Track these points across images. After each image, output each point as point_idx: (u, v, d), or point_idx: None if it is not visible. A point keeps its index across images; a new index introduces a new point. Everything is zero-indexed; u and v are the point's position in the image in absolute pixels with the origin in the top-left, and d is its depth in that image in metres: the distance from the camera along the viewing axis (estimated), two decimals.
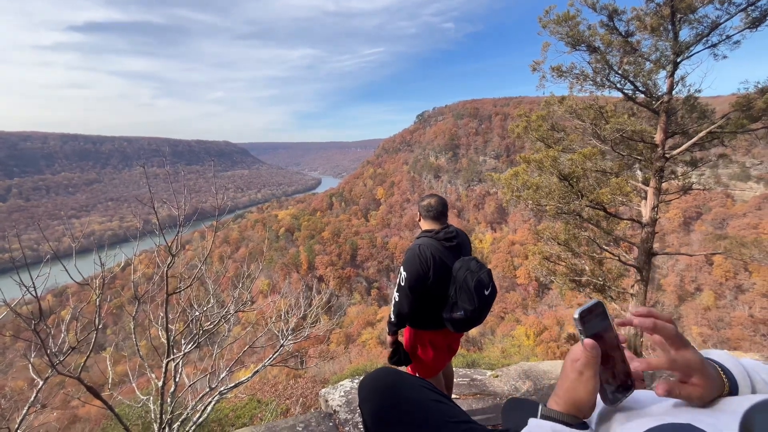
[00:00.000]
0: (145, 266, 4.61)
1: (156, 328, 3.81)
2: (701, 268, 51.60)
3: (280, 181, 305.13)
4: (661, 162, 5.88)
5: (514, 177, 6.08)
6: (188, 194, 4.03)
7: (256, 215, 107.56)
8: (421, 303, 2.18)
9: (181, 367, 3.87)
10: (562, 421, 0.63)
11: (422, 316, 2.25)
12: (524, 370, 4.05)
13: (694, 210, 63.79)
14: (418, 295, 2.13)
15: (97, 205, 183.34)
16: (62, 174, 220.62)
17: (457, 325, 2.13)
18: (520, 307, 51.76)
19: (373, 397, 0.94)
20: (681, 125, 6.02)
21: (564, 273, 6.62)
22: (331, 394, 3.10)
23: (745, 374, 0.64)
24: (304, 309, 5.07)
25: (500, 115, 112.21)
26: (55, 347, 2.54)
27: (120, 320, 42.00)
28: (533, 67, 6.32)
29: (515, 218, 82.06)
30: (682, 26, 5.58)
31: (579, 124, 6.23)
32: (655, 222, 5.89)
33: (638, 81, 5.93)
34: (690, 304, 48.66)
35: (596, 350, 0.62)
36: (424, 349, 2.36)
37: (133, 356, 4.71)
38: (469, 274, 2.07)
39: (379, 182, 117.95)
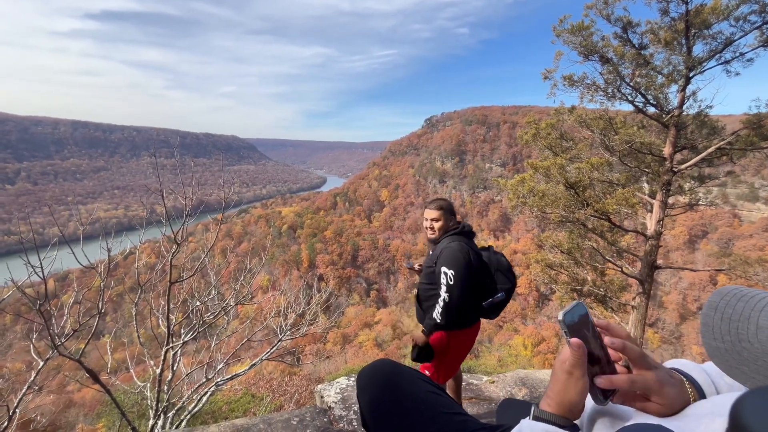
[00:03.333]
0: (147, 255, 4.67)
1: (156, 316, 3.84)
2: (705, 287, 51.09)
3: (285, 178, 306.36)
4: (669, 176, 5.85)
5: (521, 183, 6.07)
6: (195, 186, 4.07)
7: (260, 211, 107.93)
8: (468, 297, 2.23)
9: (179, 357, 3.90)
10: (554, 423, 0.64)
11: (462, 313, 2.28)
12: (520, 377, 4.04)
13: (700, 228, 63.26)
14: (468, 289, 2.18)
15: (104, 192, 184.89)
16: (71, 160, 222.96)
17: (497, 309, 2.31)
18: (519, 316, 51.46)
19: (370, 388, 0.95)
20: (690, 140, 6.00)
21: (565, 282, 6.60)
22: (326, 390, 3.10)
23: (709, 381, 0.66)
24: (303, 306, 5.09)
25: (508, 123, 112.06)
26: (57, 330, 2.57)
27: (120, 308, 42.26)
28: (545, 76, 6.32)
29: (519, 227, 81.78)
30: (695, 41, 5.57)
31: (588, 134, 6.22)
32: (660, 235, 5.86)
33: (649, 94, 5.91)
34: (692, 323, 48.17)
35: (583, 350, 0.63)
36: (457, 349, 2.40)
37: (132, 344, 4.75)
38: (498, 256, 2.37)
39: (384, 184, 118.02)
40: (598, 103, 6.20)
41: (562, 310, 0.66)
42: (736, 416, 0.35)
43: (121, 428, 4.96)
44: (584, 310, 0.67)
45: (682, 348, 42.12)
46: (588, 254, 6.55)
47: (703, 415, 0.56)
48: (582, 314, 0.67)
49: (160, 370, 3.28)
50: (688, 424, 0.56)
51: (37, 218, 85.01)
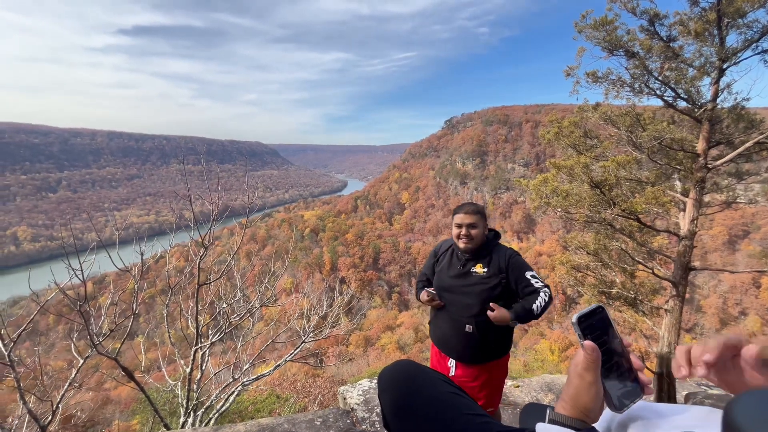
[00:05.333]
0: (177, 259, 4.86)
1: (185, 318, 4.00)
2: (747, 291, 48.08)
3: (307, 182, 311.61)
4: (703, 172, 5.57)
5: (543, 183, 5.93)
6: (221, 191, 4.23)
7: (283, 215, 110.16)
8: None
9: (208, 357, 4.04)
10: (570, 426, 0.63)
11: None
12: (546, 383, 3.94)
13: (740, 227, 59.64)
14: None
15: (137, 199, 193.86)
16: (107, 169, 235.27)
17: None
18: (545, 320, 50.06)
19: (391, 389, 0.96)
20: (726, 135, 5.69)
21: (592, 284, 6.38)
22: (349, 392, 3.13)
23: None
24: (326, 309, 5.17)
25: (531, 122, 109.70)
26: (95, 330, 2.73)
27: (152, 309, 44.07)
28: (567, 73, 6.16)
29: (543, 228, 79.74)
30: (729, 31, 5.28)
31: (614, 131, 6.01)
32: (694, 235, 5.58)
33: (680, 88, 5.65)
34: (733, 329, 45.36)
35: (596, 353, 0.62)
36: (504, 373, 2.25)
37: (163, 344, 4.96)
38: None
39: (404, 187, 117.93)
40: (624, 99, 5.98)
41: (577, 312, 0.66)
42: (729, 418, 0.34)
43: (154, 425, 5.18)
44: (604, 313, 0.66)
45: None
46: (616, 255, 6.31)
47: None
48: (601, 317, 0.66)
49: (189, 369, 3.42)
50: None
51: (76, 224, 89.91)
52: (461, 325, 2.06)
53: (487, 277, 2.03)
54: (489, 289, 2.02)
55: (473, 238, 2.06)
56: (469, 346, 2.06)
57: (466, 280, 2.09)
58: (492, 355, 2.09)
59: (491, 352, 2.09)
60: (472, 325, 2.03)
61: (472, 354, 2.08)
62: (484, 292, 2.02)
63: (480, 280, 2.05)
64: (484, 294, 2.02)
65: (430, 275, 2.36)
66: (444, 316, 2.18)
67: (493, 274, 2.03)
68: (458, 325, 2.08)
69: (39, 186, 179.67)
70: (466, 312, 2.06)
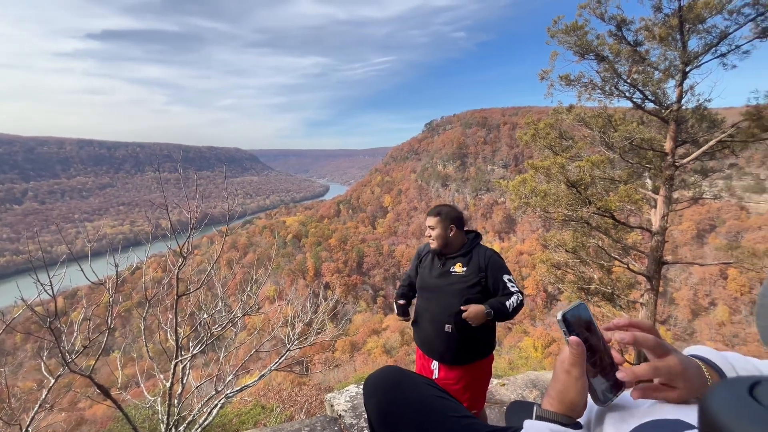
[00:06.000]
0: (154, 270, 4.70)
1: (164, 330, 3.86)
2: (715, 282, 50.40)
3: (288, 187, 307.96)
4: (671, 170, 5.84)
5: (522, 184, 6.08)
6: (199, 199, 4.12)
7: (264, 221, 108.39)
8: None
9: (189, 370, 3.91)
10: (557, 421, 0.64)
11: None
12: (531, 379, 4.01)
13: (707, 222, 62.60)
14: None
15: (110, 209, 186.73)
16: (77, 178, 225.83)
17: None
18: (528, 318, 51.01)
19: (376, 395, 0.96)
20: (691, 134, 6.00)
21: (572, 281, 6.57)
22: (336, 398, 3.10)
23: (730, 366, 0.66)
24: (310, 315, 5.09)
25: (508, 124, 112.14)
26: (67, 347, 2.60)
27: (128, 323, 42.42)
28: (541, 76, 6.36)
29: (523, 228, 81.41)
30: (690, 36, 5.59)
31: (587, 132, 6.24)
32: (665, 230, 5.83)
33: (647, 90, 5.93)
34: (704, 319, 47.47)
35: (581, 347, 0.63)
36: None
37: (141, 359, 4.77)
38: None
39: (386, 190, 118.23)
40: (596, 101, 6.23)
41: (561, 310, 0.67)
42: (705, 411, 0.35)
43: None
44: (586, 310, 0.68)
45: (696, 344, 41.46)
46: (593, 252, 6.53)
47: None
48: (583, 314, 0.67)
49: (169, 384, 3.30)
50: None
51: (45, 237, 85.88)
52: (442, 326, 2.08)
53: (466, 276, 2.06)
54: (468, 288, 2.05)
55: (434, 239, 2.14)
56: (450, 346, 2.08)
57: (447, 279, 2.11)
58: (474, 356, 2.10)
59: (473, 353, 2.09)
60: (452, 324, 2.05)
61: (453, 355, 2.09)
62: (464, 291, 2.05)
63: (459, 279, 2.08)
64: (463, 293, 2.05)
65: (413, 277, 2.38)
66: (426, 317, 2.19)
67: (471, 272, 2.06)
68: (439, 326, 2.09)
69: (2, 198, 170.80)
70: (446, 311, 2.08)
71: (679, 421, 0.56)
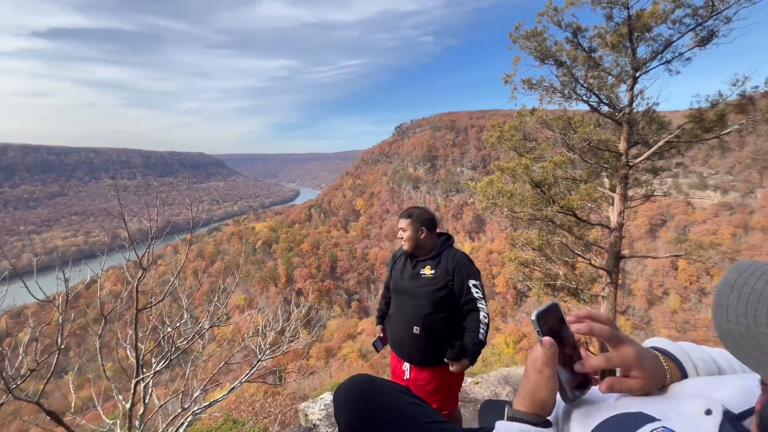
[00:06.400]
0: (112, 283, 4.40)
1: (124, 347, 3.62)
2: (667, 273, 54.15)
3: (257, 193, 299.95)
4: (626, 170, 6.22)
5: (490, 185, 6.27)
6: (161, 206, 3.90)
7: (232, 228, 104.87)
8: None
9: (151, 388, 3.69)
10: (527, 421, 0.65)
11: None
12: (503, 376, 4.10)
13: (659, 218, 67.22)
14: None
15: (61, 219, 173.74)
16: (22, 187, 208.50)
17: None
18: (500, 315, 52.43)
19: (346, 406, 0.93)
20: (642, 135, 6.43)
21: (539, 278, 6.83)
22: (311, 407, 3.03)
23: (686, 356, 0.69)
24: (282, 323, 4.96)
25: (476, 127, 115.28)
26: (11, 371, 2.38)
27: (84, 342, 39.60)
28: (505, 80, 6.60)
29: (492, 227, 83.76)
30: (639, 44, 6.01)
31: (549, 134, 6.54)
32: (622, 226, 6.19)
33: (602, 94, 6.30)
34: (659, 308, 50.81)
35: (554, 348, 0.64)
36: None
37: (98, 379, 4.45)
38: None
39: (358, 193, 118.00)
40: (557, 104, 6.55)
41: (535, 310, 0.68)
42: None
43: None
44: (558, 310, 0.69)
45: (652, 332, 44.27)
46: (558, 249, 6.82)
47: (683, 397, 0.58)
48: (556, 314, 0.68)
49: (130, 404, 3.09)
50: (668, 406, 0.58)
51: None
52: (411, 328, 2.09)
53: (434, 279, 2.07)
54: (435, 291, 2.05)
55: (405, 241, 2.15)
56: (420, 348, 2.09)
57: (416, 282, 2.12)
58: (443, 358, 2.10)
59: (442, 355, 2.09)
60: (420, 326, 2.06)
61: (422, 357, 2.10)
62: (431, 293, 2.05)
63: (428, 281, 2.08)
64: (431, 296, 2.05)
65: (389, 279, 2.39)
66: (397, 319, 2.20)
67: (439, 275, 2.06)
68: (409, 328, 2.10)
69: None
70: (415, 314, 2.09)
71: (641, 414, 0.57)
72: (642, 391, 0.63)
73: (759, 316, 0.40)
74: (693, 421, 0.52)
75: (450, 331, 2.08)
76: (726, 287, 0.44)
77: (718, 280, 0.46)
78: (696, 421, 0.51)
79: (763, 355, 0.40)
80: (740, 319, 0.42)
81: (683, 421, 0.52)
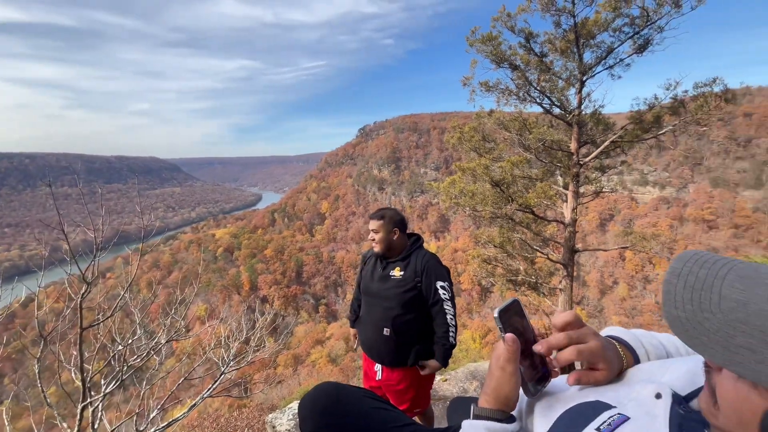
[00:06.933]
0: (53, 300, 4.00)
1: (69, 370, 3.31)
2: (616, 264, 58.33)
3: (216, 198, 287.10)
4: (577, 168, 6.63)
5: (452, 185, 6.42)
6: (107, 214, 3.61)
7: (190, 236, 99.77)
8: None
9: (101, 412, 3.40)
10: (493, 418, 0.66)
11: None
12: (470, 371, 4.20)
13: (607, 213, 72.31)
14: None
15: None
16: None
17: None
18: (466, 311, 53.80)
19: (311, 417, 0.90)
20: (590, 136, 6.89)
21: (502, 274, 7.09)
22: (278, 419, 2.92)
23: (639, 343, 0.73)
24: (247, 332, 4.76)
25: (438, 129, 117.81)
26: None
27: (22, 366, 35.96)
28: (464, 82, 6.81)
29: (456, 227, 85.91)
30: (585, 50, 6.44)
31: (507, 135, 6.82)
32: (575, 222, 6.58)
33: (554, 96, 6.68)
34: (610, 297, 54.57)
35: (516, 344, 0.66)
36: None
37: (39, 407, 4.04)
38: None
39: (323, 196, 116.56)
40: (513, 107, 6.85)
41: (498, 307, 0.68)
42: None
43: None
44: (519, 306, 0.70)
45: (605, 320, 47.45)
46: (518, 246, 7.13)
47: (636, 382, 0.61)
48: (517, 310, 0.70)
49: (76, 431, 2.83)
50: (622, 392, 0.61)
51: None
52: (381, 329, 2.09)
53: (403, 280, 2.07)
54: (404, 292, 2.06)
55: (377, 243, 2.13)
56: (390, 349, 2.09)
57: (386, 283, 2.12)
58: (415, 358, 2.12)
59: (414, 356, 2.11)
60: (389, 328, 2.06)
61: (393, 358, 2.11)
62: (400, 295, 2.06)
63: (397, 283, 2.08)
64: (399, 297, 2.06)
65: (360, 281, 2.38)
66: (367, 321, 2.20)
67: (408, 276, 2.07)
68: (379, 330, 2.10)
69: None
70: (385, 316, 2.08)
71: (599, 402, 0.60)
72: (606, 382, 0.66)
73: (703, 302, 0.43)
74: (645, 406, 0.55)
75: (420, 331, 2.09)
76: (673, 276, 0.47)
77: (665, 269, 0.49)
78: (648, 405, 0.54)
79: (708, 339, 0.42)
80: (686, 306, 0.45)
81: (636, 406, 0.56)
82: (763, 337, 0.39)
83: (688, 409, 0.53)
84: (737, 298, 0.41)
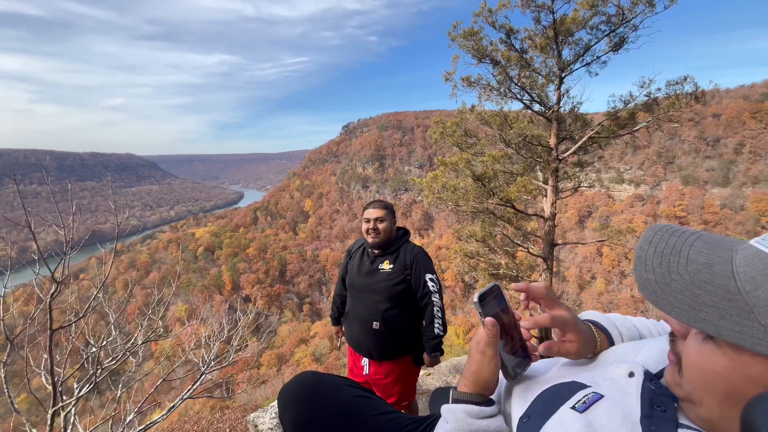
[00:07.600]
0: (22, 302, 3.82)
1: (39, 374, 3.17)
2: (594, 259, 60.16)
3: (196, 196, 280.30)
4: (556, 163, 6.78)
5: (435, 180, 6.47)
6: (79, 212, 3.46)
7: (169, 235, 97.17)
8: None
9: (74, 417, 3.27)
10: (472, 401, 0.66)
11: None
12: (454, 365, 4.24)
13: (586, 210, 74.47)
14: None
15: None
16: None
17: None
18: (449, 308, 54.44)
19: (291, 406, 0.88)
20: (569, 131, 7.06)
21: (484, 268, 7.20)
22: (261, 418, 2.88)
23: (613, 325, 0.75)
24: (227, 332, 4.67)
25: (421, 127, 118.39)
26: None
27: None
28: (446, 78, 6.85)
29: (440, 224, 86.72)
30: (563, 47, 6.58)
31: (488, 130, 6.91)
32: (555, 216, 6.74)
33: (534, 92, 6.81)
34: (588, 291, 56.25)
35: (496, 328, 0.66)
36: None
37: (8, 414, 3.85)
38: None
39: (306, 194, 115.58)
40: (494, 102, 6.95)
41: (477, 292, 0.69)
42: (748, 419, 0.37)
43: None
44: (500, 291, 0.70)
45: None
46: (500, 240, 7.25)
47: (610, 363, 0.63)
48: (497, 295, 0.70)
49: None
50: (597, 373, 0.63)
51: None
52: (370, 323, 2.08)
53: (392, 274, 2.07)
54: (393, 286, 2.05)
55: (380, 232, 2.08)
56: (379, 343, 2.09)
57: (375, 277, 2.11)
58: (402, 351, 2.14)
59: (401, 348, 2.13)
60: (379, 321, 2.05)
61: (381, 351, 2.11)
62: (390, 288, 2.05)
63: (386, 276, 2.07)
64: (389, 290, 2.05)
65: (344, 275, 2.34)
66: (355, 315, 2.18)
67: (398, 270, 2.07)
68: (367, 324, 2.09)
69: None
70: (374, 309, 2.08)
71: (574, 382, 0.62)
72: (578, 356, 0.67)
73: (671, 265, 0.47)
74: (619, 384, 0.57)
75: (409, 324, 2.10)
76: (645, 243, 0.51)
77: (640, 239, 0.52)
78: (621, 384, 0.56)
79: (675, 299, 0.46)
80: (656, 269, 0.48)
81: (610, 385, 0.58)
82: (725, 294, 0.42)
83: (658, 384, 0.56)
84: (703, 261, 0.45)
